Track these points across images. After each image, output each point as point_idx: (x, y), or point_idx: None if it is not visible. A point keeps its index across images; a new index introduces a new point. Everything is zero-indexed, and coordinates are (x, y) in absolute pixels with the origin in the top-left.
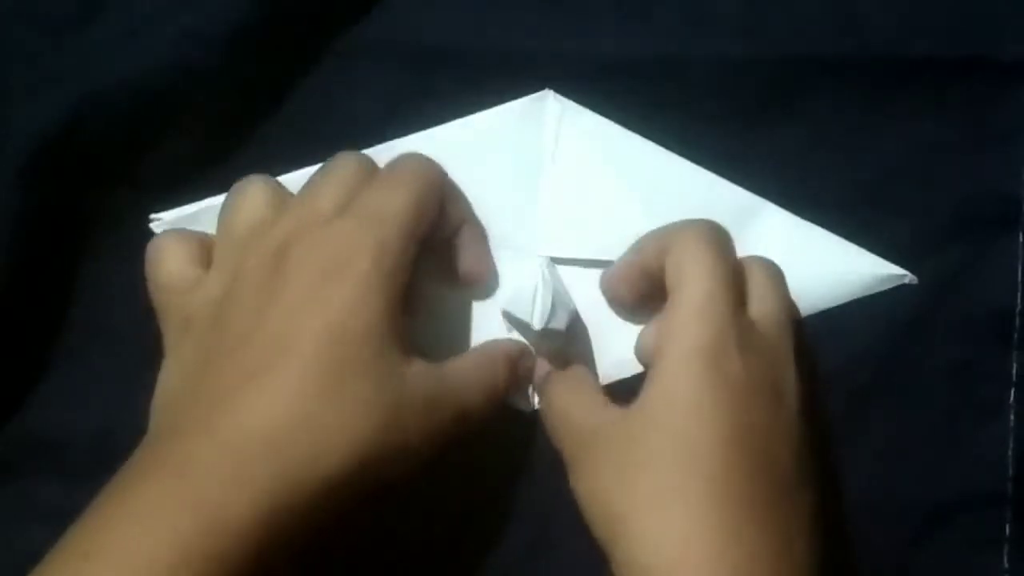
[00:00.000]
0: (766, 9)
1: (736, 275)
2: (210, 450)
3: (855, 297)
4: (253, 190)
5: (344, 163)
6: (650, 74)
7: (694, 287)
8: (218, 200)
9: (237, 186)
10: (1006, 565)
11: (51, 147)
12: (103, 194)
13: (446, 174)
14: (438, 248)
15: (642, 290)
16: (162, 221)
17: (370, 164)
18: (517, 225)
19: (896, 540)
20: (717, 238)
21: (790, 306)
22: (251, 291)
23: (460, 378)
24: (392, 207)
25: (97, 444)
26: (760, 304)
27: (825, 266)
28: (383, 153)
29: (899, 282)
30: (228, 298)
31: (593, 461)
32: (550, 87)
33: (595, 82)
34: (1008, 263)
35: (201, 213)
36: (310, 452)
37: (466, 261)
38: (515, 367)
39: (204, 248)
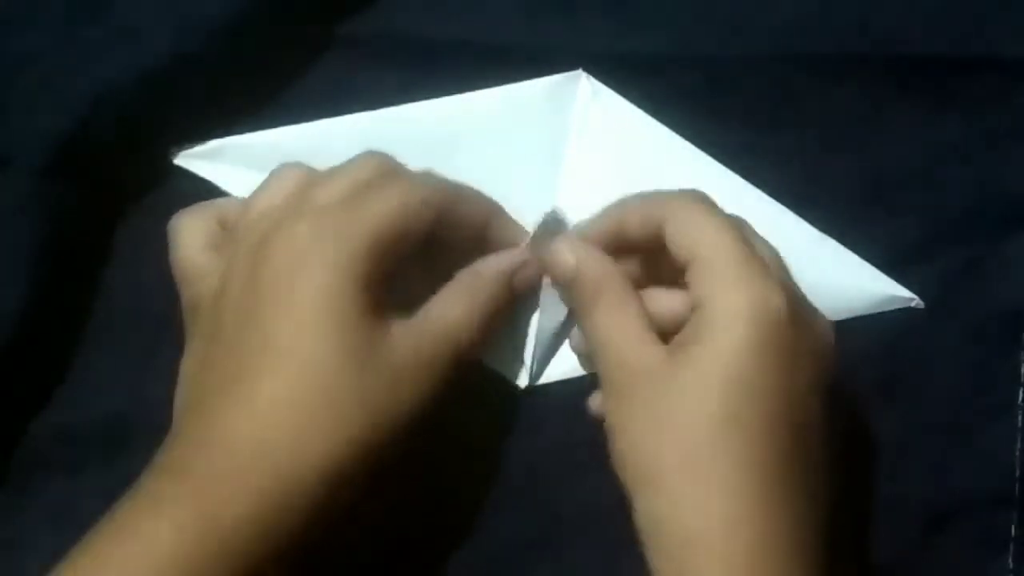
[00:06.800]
0: (769, 8)
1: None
2: (207, 452)
3: (860, 314)
4: (279, 180)
5: (362, 162)
6: (651, 72)
7: (728, 250)
8: (240, 139)
9: (273, 171)
10: (1011, 565)
11: (63, 147)
12: (112, 189)
13: (456, 185)
14: (468, 248)
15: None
16: (185, 154)
17: (388, 166)
18: (535, 199)
19: (903, 539)
20: (717, 208)
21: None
22: (238, 287)
23: (446, 314)
24: (373, 207)
25: (109, 434)
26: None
27: (836, 280)
28: (410, 113)
29: (906, 304)
30: (222, 292)
31: (632, 401)
32: None
33: (600, 78)
34: (1017, 263)
35: (227, 148)
36: (299, 450)
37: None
38: (508, 280)
39: (224, 226)
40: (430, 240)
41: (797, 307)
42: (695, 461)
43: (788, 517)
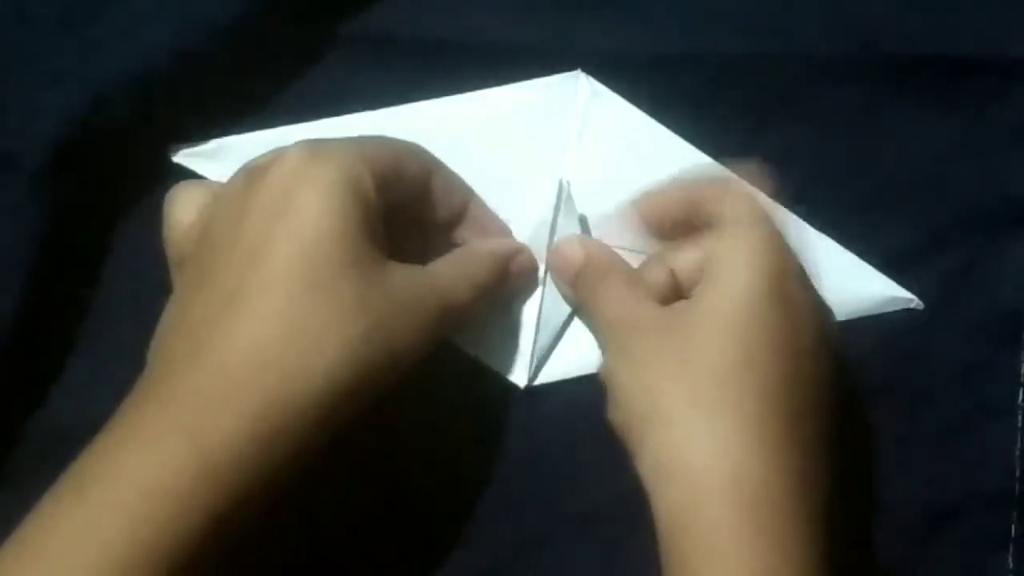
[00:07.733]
0: (770, 7)
1: None
2: (198, 377)
3: (860, 315)
4: (284, 151)
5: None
6: (653, 72)
7: (756, 220)
8: (240, 138)
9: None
10: (1011, 565)
11: (63, 147)
12: (112, 189)
13: (438, 160)
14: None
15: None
16: (185, 153)
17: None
18: (535, 200)
19: (903, 539)
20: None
21: None
22: (227, 210)
23: (442, 274)
24: (367, 142)
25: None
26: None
27: (836, 281)
28: (410, 114)
29: (906, 305)
30: (211, 220)
31: (642, 349)
32: None
33: (599, 78)
34: (1016, 263)
35: (227, 147)
36: (295, 366)
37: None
38: (503, 263)
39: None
40: (415, 213)
41: (802, 270)
42: (708, 394)
43: (797, 455)
